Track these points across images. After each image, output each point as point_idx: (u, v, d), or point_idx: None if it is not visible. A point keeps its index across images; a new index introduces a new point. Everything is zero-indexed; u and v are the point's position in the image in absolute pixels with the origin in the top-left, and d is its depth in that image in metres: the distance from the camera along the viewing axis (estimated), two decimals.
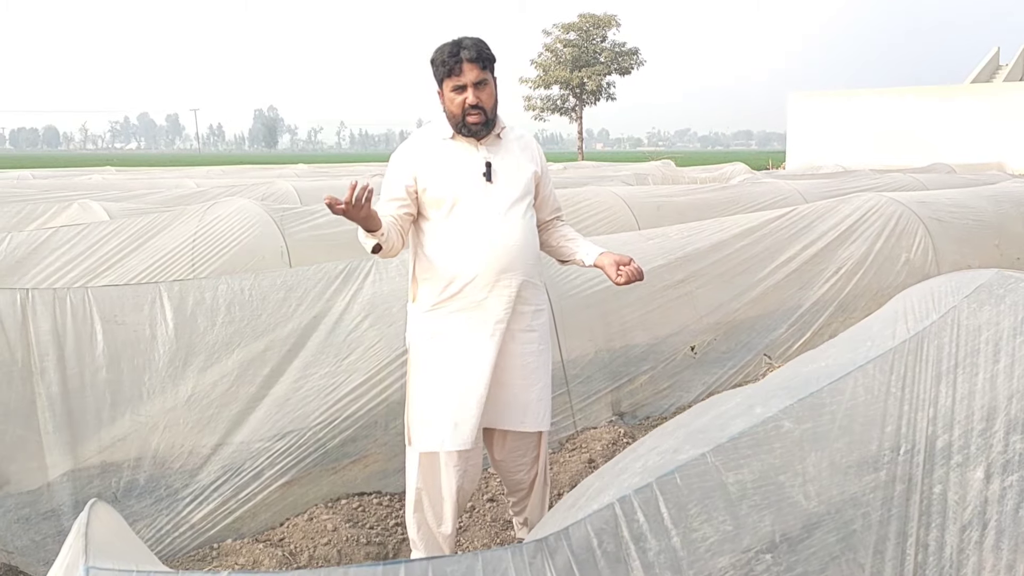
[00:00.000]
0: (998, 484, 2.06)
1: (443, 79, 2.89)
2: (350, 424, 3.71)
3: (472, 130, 2.90)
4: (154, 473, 3.34)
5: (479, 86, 2.87)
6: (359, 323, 3.93)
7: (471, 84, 2.86)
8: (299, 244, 6.27)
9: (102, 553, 1.10)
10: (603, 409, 4.55)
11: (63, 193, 10.86)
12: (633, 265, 2.96)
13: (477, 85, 2.87)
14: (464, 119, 2.88)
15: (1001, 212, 7.68)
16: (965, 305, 2.45)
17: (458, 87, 2.87)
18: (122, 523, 1.43)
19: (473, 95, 2.85)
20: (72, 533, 1.21)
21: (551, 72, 46.95)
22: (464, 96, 2.86)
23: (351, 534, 3.42)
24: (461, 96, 2.87)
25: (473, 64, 2.86)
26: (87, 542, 1.10)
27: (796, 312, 5.61)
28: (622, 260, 2.97)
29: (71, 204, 7.71)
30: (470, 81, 2.86)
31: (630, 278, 2.95)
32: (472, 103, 2.85)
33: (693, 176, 17.11)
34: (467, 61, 2.85)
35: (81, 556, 1.09)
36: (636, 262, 2.99)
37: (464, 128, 2.90)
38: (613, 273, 2.96)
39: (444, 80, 2.89)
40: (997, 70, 41.64)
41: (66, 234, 5.67)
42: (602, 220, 7.92)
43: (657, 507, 1.73)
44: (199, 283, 3.75)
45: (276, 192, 10.66)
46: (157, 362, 3.44)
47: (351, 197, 2.56)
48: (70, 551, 1.16)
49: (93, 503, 1.29)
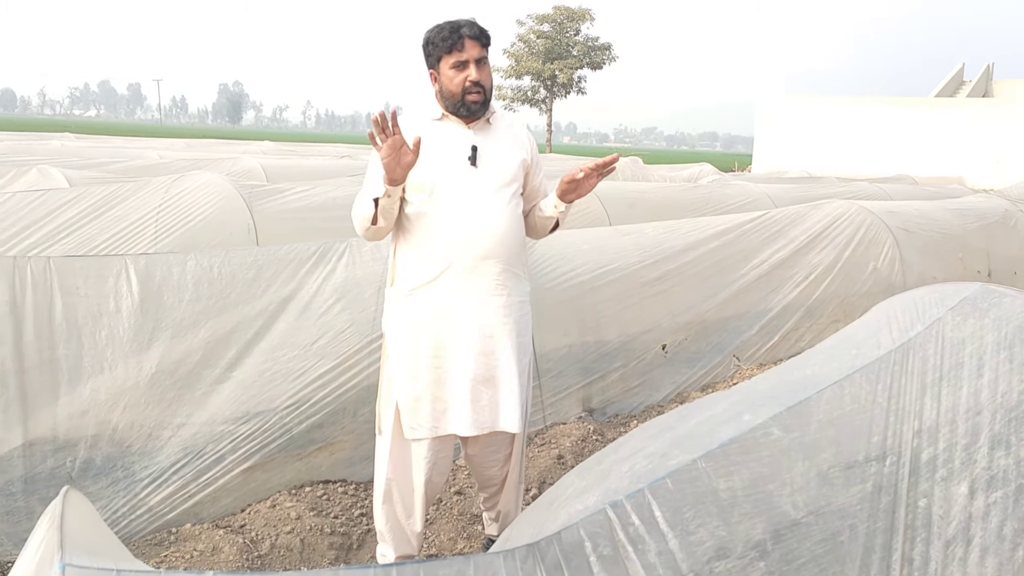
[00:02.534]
0: (982, 500, 2.05)
1: (442, 56, 2.81)
2: (318, 410, 3.61)
3: (471, 109, 2.83)
4: (112, 452, 3.21)
5: (480, 63, 2.82)
6: (331, 306, 3.83)
7: (473, 60, 2.80)
8: (266, 222, 6.13)
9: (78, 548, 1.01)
10: (573, 405, 4.51)
11: (20, 157, 10.54)
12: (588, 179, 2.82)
13: (479, 62, 2.81)
14: (464, 97, 2.81)
15: (965, 226, 7.79)
16: (950, 317, 2.44)
17: (460, 63, 2.79)
18: (94, 513, 1.34)
19: (476, 72, 2.79)
20: (44, 524, 1.12)
21: (523, 63, 46.87)
22: (466, 73, 2.79)
23: (315, 523, 3.33)
24: (462, 74, 2.79)
25: (475, 41, 2.80)
26: (62, 536, 1.01)
27: (766, 315, 5.62)
28: (574, 176, 2.83)
29: (29, 169, 7.47)
30: (472, 57, 2.79)
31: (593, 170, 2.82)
32: (475, 79, 2.79)
33: (662, 174, 17.14)
34: (469, 38, 2.79)
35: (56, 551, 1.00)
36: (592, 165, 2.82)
37: (463, 107, 2.83)
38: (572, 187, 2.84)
39: (443, 57, 2.81)
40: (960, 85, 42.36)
41: (23, 199, 5.47)
42: (574, 214, 7.83)
43: (651, 511, 1.68)
44: (166, 257, 3.62)
45: (242, 169, 10.45)
46: (120, 337, 3.31)
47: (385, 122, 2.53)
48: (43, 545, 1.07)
49: (67, 491, 1.19)
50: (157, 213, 5.79)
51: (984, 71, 42.93)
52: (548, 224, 3.06)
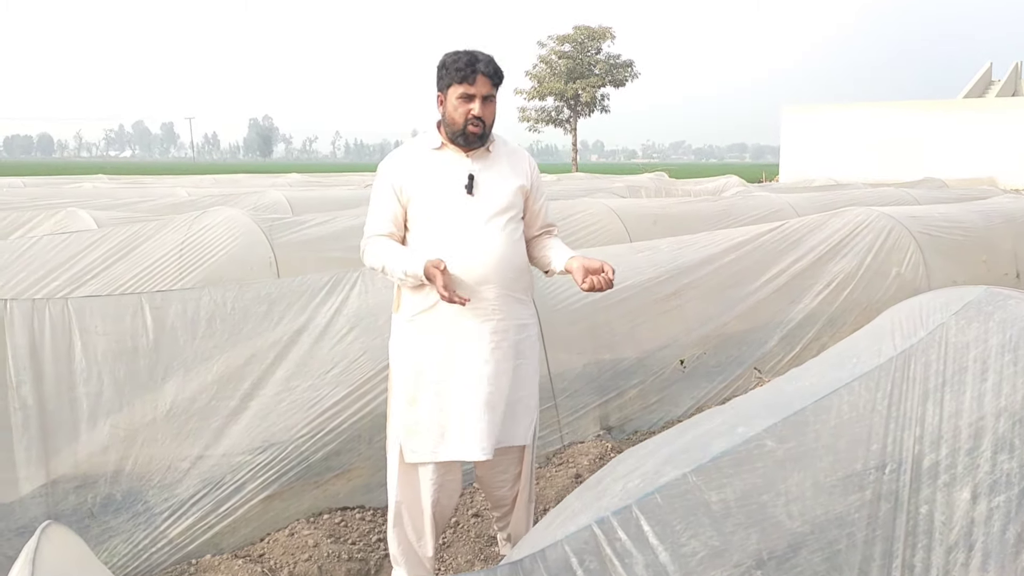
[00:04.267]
0: (985, 505, 2.03)
1: (452, 83, 2.90)
2: (334, 437, 3.66)
3: (469, 139, 2.91)
4: (132, 487, 3.28)
5: (487, 100, 2.90)
6: (344, 335, 3.88)
7: (480, 96, 2.88)
8: (288, 254, 6.23)
9: None
10: (590, 423, 4.51)
11: (52, 201, 10.79)
12: (603, 275, 2.85)
13: (485, 99, 2.90)
14: (465, 128, 2.89)
15: (991, 227, 7.68)
16: (953, 322, 2.43)
17: (467, 95, 2.88)
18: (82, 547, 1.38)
19: (480, 108, 2.88)
20: (20, 561, 1.16)
21: (546, 83, 47.05)
22: (470, 107, 2.88)
23: (332, 550, 3.36)
24: (467, 106, 2.88)
25: (487, 79, 2.90)
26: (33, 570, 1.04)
27: (786, 326, 5.59)
28: (591, 266, 2.86)
29: (58, 212, 7.65)
30: (480, 93, 2.88)
31: (594, 287, 2.85)
32: (476, 115, 2.87)
33: (687, 188, 17.12)
34: (482, 74, 2.88)
35: None
36: (610, 270, 2.86)
37: (461, 137, 2.90)
38: (580, 278, 2.87)
39: (453, 85, 2.90)
40: (989, 85, 41.85)
41: (50, 242, 5.62)
42: (594, 233, 7.89)
43: (639, 526, 1.70)
44: (181, 294, 3.71)
45: (267, 202, 10.61)
46: (137, 373, 3.40)
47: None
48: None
49: (46, 525, 1.24)
50: (180, 250, 5.90)
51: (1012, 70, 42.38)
52: (547, 271, 3.12)
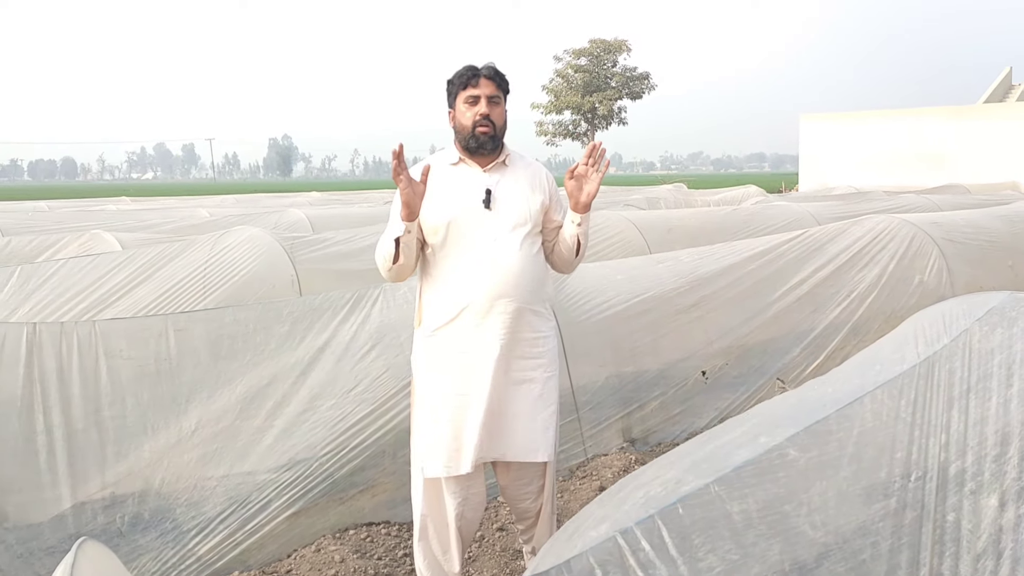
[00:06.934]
0: (1013, 512, 2.01)
1: (458, 93, 2.98)
2: (358, 454, 3.68)
3: (480, 141, 2.93)
4: (159, 506, 3.32)
5: (493, 101, 2.96)
6: (367, 352, 3.91)
7: (485, 96, 2.95)
8: (309, 272, 6.29)
9: None
10: (614, 436, 4.51)
11: (77, 223, 10.93)
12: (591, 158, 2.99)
13: (491, 99, 2.96)
14: (474, 130, 2.93)
15: (1015, 232, 7.61)
16: (977, 328, 2.41)
17: (472, 98, 2.95)
18: (115, 563, 1.41)
19: (486, 106, 2.94)
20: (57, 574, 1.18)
21: (562, 97, 47.20)
22: (476, 108, 2.94)
23: (359, 565, 3.38)
24: (474, 108, 2.94)
25: (489, 80, 2.97)
26: None
27: (809, 335, 5.55)
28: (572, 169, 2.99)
29: (83, 234, 7.76)
30: (484, 93, 2.95)
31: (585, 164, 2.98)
32: (484, 113, 2.93)
33: (705, 199, 17.08)
34: (484, 76, 2.97)
35: None
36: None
37: (473, 139, 2.93)
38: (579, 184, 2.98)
39: (459, 93, 2.98)
40: (1010, 90, 41.47)
41: (76, 265, 5.70)
42: (613, 245, 7.90)
43: (661, 537, 1.70)
44: (205, 314, 3.76)
45: (288, 220, 10.71)
46: (162, 394, 3.44)
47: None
48: None
49: (82, 542, 1.26)
50: (204, 270, 5.97)
51: None
52: (572, 244, 3.05)
